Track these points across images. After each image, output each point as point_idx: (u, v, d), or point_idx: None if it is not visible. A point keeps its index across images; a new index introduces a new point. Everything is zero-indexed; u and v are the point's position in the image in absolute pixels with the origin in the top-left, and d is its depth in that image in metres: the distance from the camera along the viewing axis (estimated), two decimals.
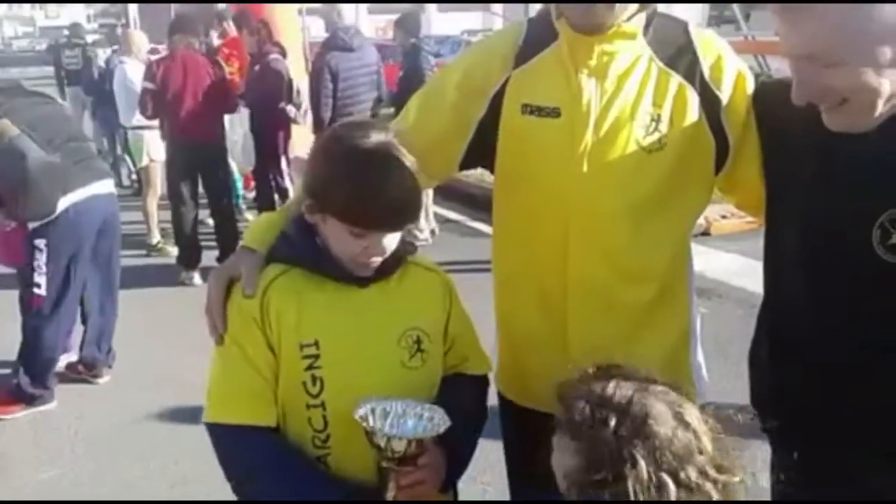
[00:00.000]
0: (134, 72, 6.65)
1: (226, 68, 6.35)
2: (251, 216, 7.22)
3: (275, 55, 6.37)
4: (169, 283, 5.92)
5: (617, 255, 1.58)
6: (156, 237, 6.81)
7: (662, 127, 1.54)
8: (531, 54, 1.61)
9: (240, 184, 7.75)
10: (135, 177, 8.39)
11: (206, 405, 1.46)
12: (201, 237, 6.24)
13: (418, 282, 1.55)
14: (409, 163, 1.41)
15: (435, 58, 7.11)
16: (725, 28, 12.14)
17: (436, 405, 1.42)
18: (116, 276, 4.39)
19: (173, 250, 6.38)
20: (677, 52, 1.58)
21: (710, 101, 1.56)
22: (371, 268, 1.45)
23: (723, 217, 6.36)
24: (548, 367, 1.46)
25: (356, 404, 1.36)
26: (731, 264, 5.66)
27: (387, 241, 1.42)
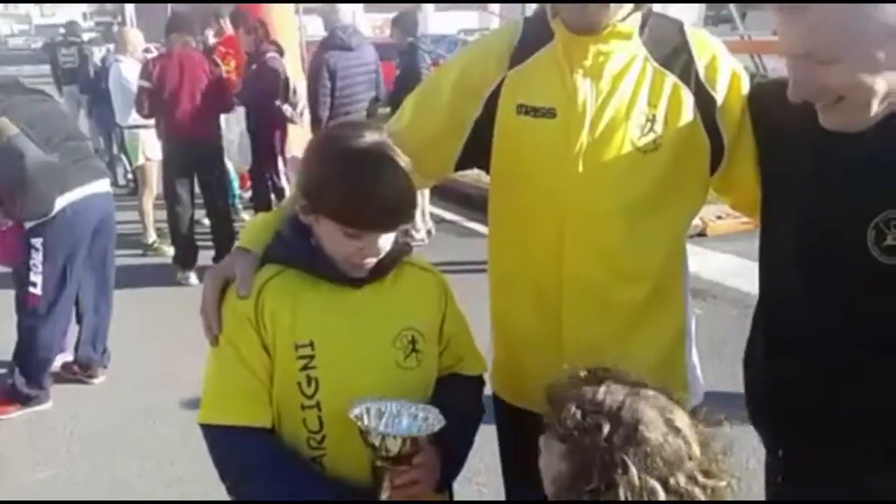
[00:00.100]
0: (129, 70, 6.64)
1: (222, 67, 6.33)
2: (247, 216, 7.21)
3: (272, 54, 6.34)
4: (165, 282, 5.90)
5: (612, 255, 1.58)
6: (152, 237, 6.80)
7: (657, 127, 1.54)
8: (527, 54, 1.61)
9: (236, 183, 7.72)
10: (131, 176, 8.37)
11: (201, 406, 1.45)
12: (197, 237, 6.22)
13: (413, 282, 1.55)
14: (403, 163, 1.41)
15: (430, 55, 7.08)
16: (722, 28, 12.16)
17: (431, 405, 1.43)
18: (111, 276, 4.39)
19: (169, 250, 6.35)
20: (672, 52, 1.58)
21: (705, 102, 1.56)
22: (365, 268, 1.45)
23: (718, 217, 6.35)
24: (542, 367, 1.46)
25: (351, 404, 1.36)
26: (726, 265, 5.66)
27: (381, 241, 1.42)
